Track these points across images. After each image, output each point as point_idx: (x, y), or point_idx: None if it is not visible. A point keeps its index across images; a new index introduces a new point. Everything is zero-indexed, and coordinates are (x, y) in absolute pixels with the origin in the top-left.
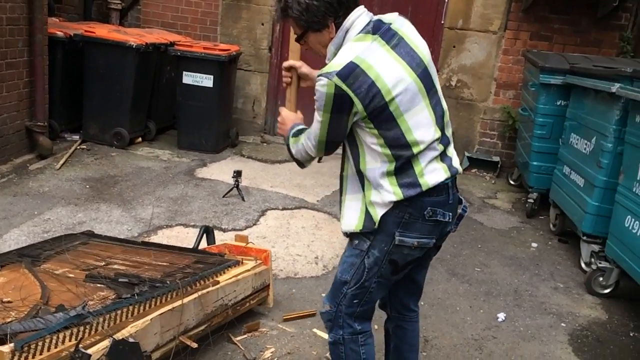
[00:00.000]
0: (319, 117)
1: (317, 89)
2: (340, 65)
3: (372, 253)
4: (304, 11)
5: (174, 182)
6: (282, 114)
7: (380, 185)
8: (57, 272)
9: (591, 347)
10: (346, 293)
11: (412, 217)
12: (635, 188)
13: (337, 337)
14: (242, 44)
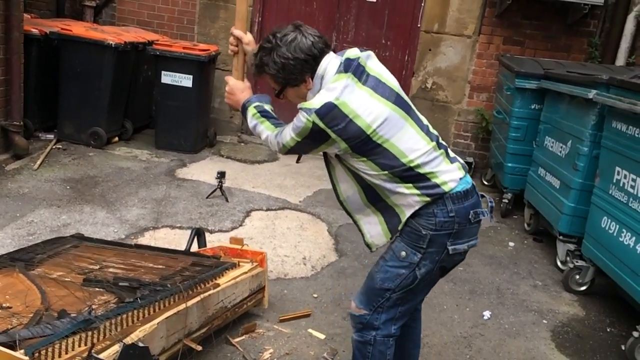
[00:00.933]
0: (292, 134)
1: (298, 117)
2: (319, 103)
3: (424, 264)
4: (280, 69)
5: (156, 182)
6: (230, 82)
7: (399, 193)
8: (52, 276)
9: (572, 343)
10: (389, 297)
11: (461, 226)
12: (612, 190)
13: (368, 338)
14: (220, 43)
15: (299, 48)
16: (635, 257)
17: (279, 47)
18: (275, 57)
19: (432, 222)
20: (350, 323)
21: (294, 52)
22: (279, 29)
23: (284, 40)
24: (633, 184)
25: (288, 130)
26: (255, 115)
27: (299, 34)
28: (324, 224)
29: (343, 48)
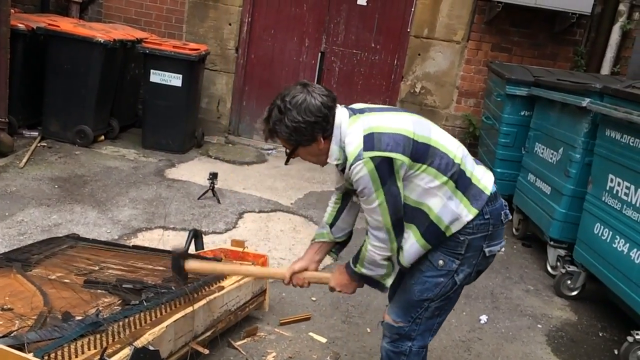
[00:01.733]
0: (375, 202)
1: (358, 179)
2: (359, 145)
3: (462, 270)
4: (292, 132)
5: (146, 183)
6: (332, 283)
7: (458, 215)
8: (51, 277)
9: (567, 347)
10: (428, 307)
11: (494, 227)
12: (605, 197)
13: (404, 349)
14: (209, 43)
15: (309, 110)
16: (629, 264)
17: (289, 111)
18: (287, 121)
19: (470, 226)
20: (384, 332)
21: (305, 114)
22: (287, 91)
23: (293, 103)
24: (627, 191)
25: (371, 209)
26: (362, 265)
27: (307, 95)
28: (317, 226)
29: (332, 50)
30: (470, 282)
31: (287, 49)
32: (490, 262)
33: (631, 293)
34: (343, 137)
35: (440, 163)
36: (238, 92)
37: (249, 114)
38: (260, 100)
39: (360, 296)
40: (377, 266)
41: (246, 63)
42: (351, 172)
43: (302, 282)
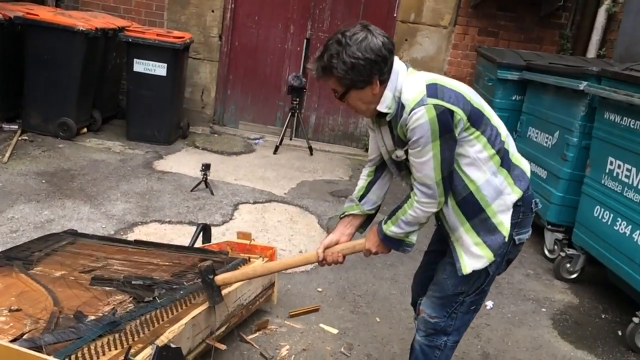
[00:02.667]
0: (429, 153)
1: (415, 126)
2: (422, 91)
3: (495, 261)
4: (349, 70)
5: (135, 175)
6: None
7: (501, 192)
8: (55, 275)
9: (573, 330)
10: (463, 301)
11: (524, 215)
12: (604, 180)
13: (439, 343)
14: (191, 31)
15: (369, 48)
16: (632, 246)
17: (348, 47)
18: (345, 57)
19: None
20: (418, 326)
21: (365, 52)
22: (347, 28)
23: (354, 40)
24: (628, 173)
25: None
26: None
27: (368, 34)
28: (314, 216)
29: (318, 37)
30: (501, 272)
31: (272, 36)
32: (519, 250)
33: (635, 274)
34: (399, 85)
35: (491, 134)
36: (222, 81)
37: (234, 103)
38: (245, 89)
39: (365, 285)
40: (413, 225)
41: (230, 51)
42: (410, 117)
43: (336, 257)
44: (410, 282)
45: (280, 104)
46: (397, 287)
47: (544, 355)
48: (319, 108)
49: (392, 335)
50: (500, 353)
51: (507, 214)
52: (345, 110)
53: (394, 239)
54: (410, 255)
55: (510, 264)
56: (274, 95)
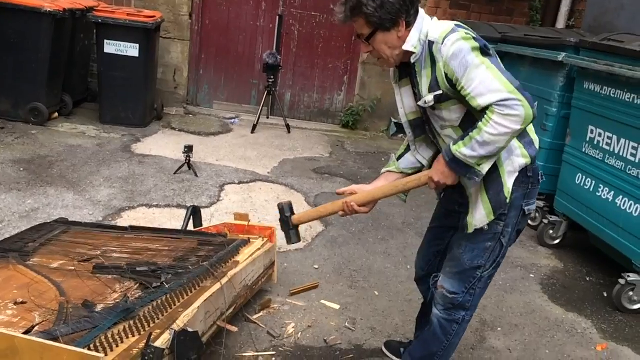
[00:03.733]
0: (482, 66)
1: (455, 48)
2: (450, 25)
3: (507, 231)
4: (378, 8)
5: (115, 160)
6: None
7: (512, 152)
8: (54, 266)
9: (562, 294)
10: (482, 276)
11: (533, 186)
12: (585, 149)
13: (457, 317)
14: (160, 9)
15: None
16: (615, 211)
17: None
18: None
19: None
20: (436, 301)
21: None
22: None
23: None
24: (609, 141)
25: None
26: (466, 143)
27: None
28: (300, 194)
29: (291, 13)
30: (512, 243)
31: (244, 13)
32: (527, 220)
33: (619, 238)
34: (425, 29)
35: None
36: (194, 60)
37: (208, 83)
38: (218, 68)
39: (360, 260)
40: (489, 146)
41: (201, 29)
42: (445, 45)
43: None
44: (402, 255)
45: (255, 83)
46: (390, 261)
47: (537, 319)
48: (294, 85)
49: (392, 308)
50: (496, 319)
51: (512, 177)
52: (321, 87)
53: (462, 163)
54: (400, 229)
55: (520, 234)
56: (248, 74)
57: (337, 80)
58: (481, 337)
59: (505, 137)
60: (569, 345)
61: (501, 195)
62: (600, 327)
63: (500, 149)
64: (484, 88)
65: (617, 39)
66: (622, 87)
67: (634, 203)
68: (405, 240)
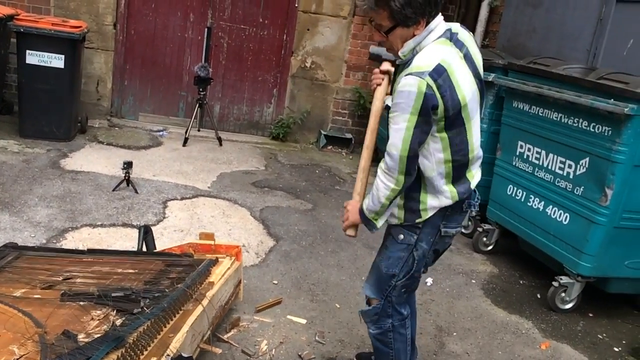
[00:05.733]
0: (403, 122)
1: (403, 90)
2: (430, 66)
3: (420, 246)
4: (405, 5)
5: (46, 177)
6: (348, 207)
7: (441, 192)
8: (17, 295)
9: (502, 297)
10: (395, 285)
11: (454, 211)
12: (515, 162)
13: (387, 326)
14: (82, 18)
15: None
16: (545, 219)
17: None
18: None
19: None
20: (365, 320)
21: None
22: None
23: None
24: (538, 156)
25: (393, 130)
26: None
27: None
28: (244, 209)
29: (220, 26)
30: (429, 264)
31: (171, 24)
32: (447, 243)
33: (550, 244)
34: (423, 44)
35: (458, 144)
36: (119, 71)
37: (133, 94)
38: (144, 79)
39: (316, 274)
40: (378, 200)
41: (126, 40)
42: (405, 79)
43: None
44: (354, 267)
45: (183, 94)
46: (344, 273)
47: (486, 322)
48: (223, 97)
49: (355, 320)
50: (451, 325)
51: (433, 210)
52: (251, 99)
53: (364, 214)
54: (347, 241)
55: (439, 255)
56: (176, 86)
57: (267, 93)
58: (441, 343)
59: (384, 191)
60: (517, 346)
61: (415, 215)
62: (540, 326)
63: (383, 205)
64: (393, 138)
65: (542, 62)
66: (549, 107)
67: (563, 212)
68: (354, 252)
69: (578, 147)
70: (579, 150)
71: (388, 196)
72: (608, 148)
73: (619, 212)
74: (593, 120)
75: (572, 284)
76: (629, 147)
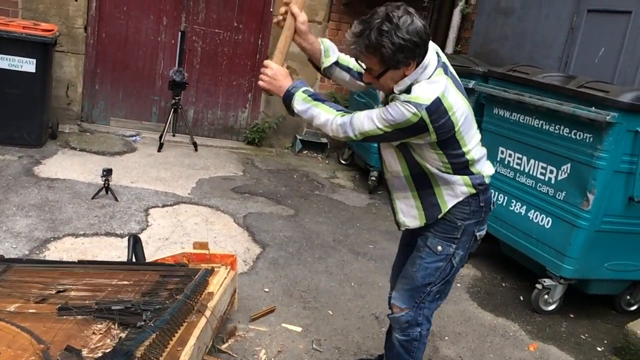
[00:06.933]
0: (379, 125)
1: (399, 109)
2: (429, 99)
3: (458, 253)
4: (397, 51)
5: (21, 185)
6: (272, 66)
7: (453, 182)
8: (11, 310)
9: (488, 300)
10: (430, 291)
11: (485, 214)
12: (496, 167)
13: (415, 335)
14: (51, 21)
15: (415, 31)
16: (527, 223)
17: (398, 29)
18: (395, 38)
19: (467, 211)
20: (393, 325)
21: (412, 34)
22: (391, 9)
23: (402, 21)
24: (519, 161)
25: (371, 118)
26: (306, 99)
27: (413, 17)
28: (227, 215)
29: (194, 30)
30: (464, 264)
31: (144, 28)
32: (478, 244)
33: (533, 247)
34: (420, 79)
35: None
36: (89, 75)
37: (104, 99)
38: (116, 83)
39: (305, 280)
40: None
41: (97, 43)
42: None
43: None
44: (343, 273)
45: (156, 99)
46: (334, 279)
47: (475, 325)
48: (197, 102)
49: (349, 326)
50: (442, 329)
51: (454, 200)
52: (225, 104)
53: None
54: (333, 246)
55: (471, 256)
56: (148, 90)
57: (242, 98)
58: (434, 347)
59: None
60: (507, 348)
61: (435, 210)
62: (526, 328)
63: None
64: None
65: (521, 70)
66: (530, 114)
67: (545, 216)
68: (341, 257)
69: (559, 153)
70: (560, 156)
71: (319, 127)
72: (589, 154)
73: (600, 216)
74: (574, 127)
75: (555, 286)
76: (610, 154)
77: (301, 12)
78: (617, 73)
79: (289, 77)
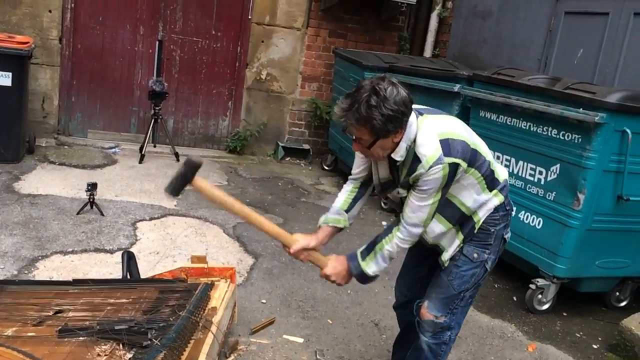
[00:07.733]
0: (430, 200)
1: (431, 179)
2: (438, 149)
3: (490, 258)
4: (386, 121)
5: (2, 203)
6: (328, 270)
7: (484, 203)
8: (8, 334)
9: (482, 302)
10: (464, 297)
11: (510, 216)
12: None
13: (445, 338)
14: (25, 33)
15: (402, 101)
16: (519, 224)
17: (386, 100)
18: (384, 109)
19: (497, 217)
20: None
21: (399, 104)
22: (377, 83)
23: (389, 93)
24: (508, 163)
25: (419, 206)
26: (369, 259)
27: (398, 88)
28: (217, 226)
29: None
30: (493, 266)
31: (120, 38)
32: (504, 245)
33: (525, 248)
34: (412, 136)
35: (482, 165)
36: (66, 87)
37: (81, 111)
38: (93, 95)
39: (302, 290)
40: (388, 260)
41: (72, 54)
42: (428, 172)
43: (304, 259)
44: None
45: (135, 110)
46: (329, 287)
47: (473, 328)
48: (177, 111)
49: (350, 335)
50: None
51: (487, 213)
52: (205, 113)
53: (364, 275)
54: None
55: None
56: (127, 101)
57: (222, 106)
58: None
59: (400, 252)
60: (507, 350)
61: (471, 227)
62: (523, 329)
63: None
64: (416, 212)
65: (507, 73)
66: (517, 116)
67: (536, 217)
68: None
69: (548, 154)
70: (549, 157)
71: (395, 255)
72: (578, 155)
73: (590, 215)
74: (562, 128)
75: (548, 286)
76: (599, 154)
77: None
78: (596, 74)
79: (339, 259)
